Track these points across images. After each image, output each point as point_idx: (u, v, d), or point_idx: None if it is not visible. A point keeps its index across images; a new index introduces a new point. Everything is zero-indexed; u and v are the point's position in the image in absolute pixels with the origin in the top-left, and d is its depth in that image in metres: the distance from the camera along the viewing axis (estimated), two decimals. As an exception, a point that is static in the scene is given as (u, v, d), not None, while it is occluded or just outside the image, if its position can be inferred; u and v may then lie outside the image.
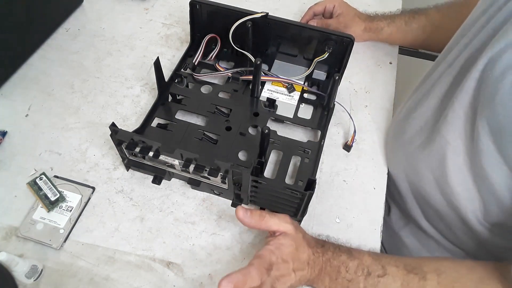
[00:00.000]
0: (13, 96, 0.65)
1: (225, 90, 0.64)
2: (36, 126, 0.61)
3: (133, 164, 0.56)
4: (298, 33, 0.63)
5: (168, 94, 0.63)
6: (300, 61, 0.68)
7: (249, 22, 0.61)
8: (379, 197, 0.57)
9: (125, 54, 0.71)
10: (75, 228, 0.52)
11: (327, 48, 0.62)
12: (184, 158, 0.50)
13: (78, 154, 0.59)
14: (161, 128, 0.59)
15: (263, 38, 0.64)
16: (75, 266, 0.49)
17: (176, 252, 0.51)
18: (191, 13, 0.65)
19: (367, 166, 0.60)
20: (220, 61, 0.68)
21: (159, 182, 0.56)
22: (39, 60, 0.69)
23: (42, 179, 0.54)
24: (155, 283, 0.49)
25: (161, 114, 0.61)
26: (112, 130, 0.50)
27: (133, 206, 0.54)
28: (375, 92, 0.68)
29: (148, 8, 0.80)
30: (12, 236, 0.51)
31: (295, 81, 0.64)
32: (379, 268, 0.45)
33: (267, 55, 0.68)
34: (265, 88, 0.65)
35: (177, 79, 0.64)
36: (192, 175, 0.53)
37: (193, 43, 0.69)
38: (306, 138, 0.61)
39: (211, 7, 0.63)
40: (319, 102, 0.64)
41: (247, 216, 0.45)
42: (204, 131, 0.59)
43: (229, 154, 0.57)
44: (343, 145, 0.61)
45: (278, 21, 0.61)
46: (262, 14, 0.60)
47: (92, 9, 0.78)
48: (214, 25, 0.66)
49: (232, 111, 0.61)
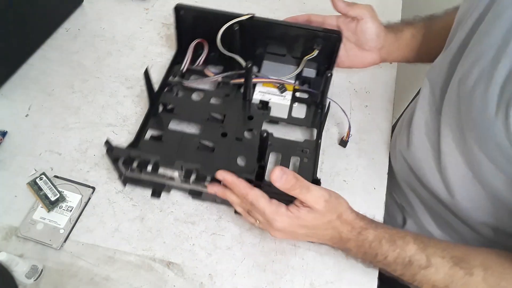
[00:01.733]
0: (13, 96, 0.65)
1: (216, 96, 0.63)
2: (36, 126, 0.61)
3: (130, 180, 0.55)
4: (286, 32, 0.62)
5: (159, 104, 0.61)
6: (289, 60, 0.67)
7: (236, 25, 0.60)
8: (379, 197, 0.57)
9: (125, 54, 0.71)
10: (75, 228, 0.52)
11: (316, 45, 0.62)
12: (185, 170, 0.49)
13: (78, 154, 0.59)
14: (155, 140, 0.58)
15: (250, 39, 0.64)
16: (75, 266, 0.49)
17: (176, 252, 0.51)
18: (176, 19, 0.63)
19: (367, 166, 0.60)
20: (209, 65, 0.66)
21: (159, 196, 0.55)
22: (39, 60, 0.69)
23: (42, 179, 0.54)
24: (155, 283, 0.49)
25: (153, 126, 0.59)
26: (107, 147, 0.48)
27: (133, 206, 0.54)
28: (375, 92, 0.68)
29: (148, 8, 0.80)
30: (12, 236, 0.51)
31: (286, 80, 0.64)
32: (422, 258, 0.44)
33: (255, 56, 0.67)
34: (256, 90, 0.64)
35: (166, 88, 0.62)
36: (193, 186, 0.52)
37: (180, 50, 0.67)
38: (303, 137, 0.61)
39: (196, 12, 0.62)
40: (312, 100, 0.64)
41: (281, 180, 0.43)
42: (200, 140, 0.57)
43: (227, 161, 0.56)
44: (339, 140, 0.61)
45: (264, 22, 0.61)
46: (248, 16, 0.60)
47: (92, 9, 0.78)
48: (200, 30, 0.64)
49: (226, 117, 0.60)
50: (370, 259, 0.47)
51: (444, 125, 0.48)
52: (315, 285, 0.50)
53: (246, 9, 0.78)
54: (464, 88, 0.43)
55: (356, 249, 0.47)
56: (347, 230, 0.46)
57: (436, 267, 0.44)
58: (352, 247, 0.47)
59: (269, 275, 0.50)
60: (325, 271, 0.51)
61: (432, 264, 0.44)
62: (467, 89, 0.42)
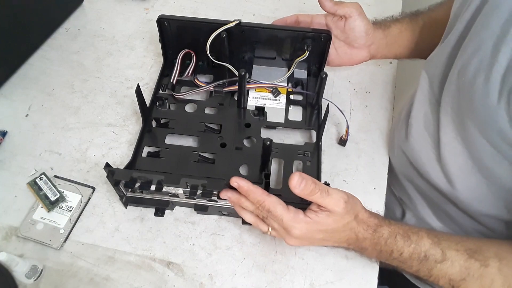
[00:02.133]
0: (13, 96, 0.65)
1: (210, 106, 0.62)
2: (36, 126, 0.61)
3: (131, 200, 0.53)
4: (274, 36, 0.61)
5: (152, 120, 0.60)
6: (279, 62, 0.66)
7: (224, 33, 0.59)
8: (379, 197, 0.57)
9: (125, 54, 0.71)
10: (75, 228, 0.52)
11: (306, 46, 0.61)
12: (190, 186, 0.47)
13: (78, 154, 0.59)
14: (152, 157, 0.56)
15: (239, 46, 0.63)
16: (75, 266, 0.49)
17: (176, 252, 0.51)
18: (160, 31, 0.62)
19: (367, 166, 0.60)
20: (198, 75, 0.65)
21: (162, 214, 0.53)
22: (39, 60, 0.69)
23: (42, 179, 0.54)
24: (155, 283, 0.49)
25: (149, 143, 0.57)
26: (107, 171, 0.47)
27: (133, 206, 0.54)
28: (375, 92, 0.68)
29: (148, 8, 0.80)
30: (12, 236, 0.51)
31: (279, 84, 0.63)
32: (437, 252, 0.44)
33: (245, 62, 0.66)
34: (250, 96, 0.63)
35: (158, 102, 0.61)
36: (198, 201, 0.51)
37: (166, 62, 0.66)
38: (303, 140, 0.61)
39: (180, 22, 0.61)
40: (307, 102, 0.63)
41: (301, 186, 0.42)
42: (199, 152, 0.56)
43: (230, 171, 0.55)
44: (337, 140, 0.61)
45: (252, 27, 0.60)
46: (235, 23, 0.59)
47: (92, 9, 0.78)
48: (186, 40, 0.63)
49: (222, 126, 0.59)
50: (386, 256, 0.46)
51: (443, 116, 0.48)
52: (315, 285, 0.50)
53: (246, 9, 0.79)
54: (464, 78, 0.43)
55: (371, 247, 0.46)
56: (363, 229, 0.46)
57: (452, 260, 0.44)
58: (368, 245, 0.46)
59: (269, 275, 0.50)
60: (325, 271, 0.51)
61: (448, 258, 0.44)
62: (467, 80, 0.42)
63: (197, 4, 0.81)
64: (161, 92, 0.63)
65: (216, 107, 0.62)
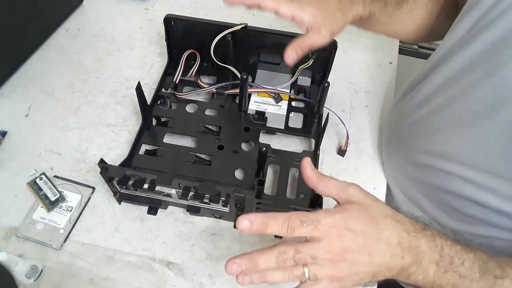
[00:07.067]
0: (13, 96, 0.65)
1: (211, 107, 0.62)
2: (36, 126, 0.61)
3: (125, 197, 0.53)
4: (280, 41, 0.61)
5: (152, 118, 0.60)
6: (283, 68, 0.66)
7: (229, 35, 0.59)
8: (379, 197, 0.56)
9: (125, 54, 0.71)
10: (75, 228, 0.52)
11: (311, 54, 0.61)
12: (182, 187, 0.48)
13: (78, 154, 0.59)
14: (150, 155, 0.56)
15: (244, 49, 0.63)
16: (75, 266, 0.49)
17: (176, 252, 0.51)
18: (166, 30, 0.62)
19: (367, 166, 0.60)
20: (201, 76, 0.65)
21: (155, 213, 0.54)
22: (39, 60, 0.69)
23: (42, 179, 0.54)
24: (155, 283, 0.49)
25: (147, 140, 0.58)
26: (101, 167, 0.47)
27: (133, 206, 0.54)
28: (375, 92, 0.69)
29: (148, 8, 0.80)
30: (12, 236, 0.51)
31: (281, 90, 0.63)
32: (496, 267, 0.37)
33: (249, 66, 0.66)
34: (251, 100, 0.63)
35: (159, 101, 0.61)
36: (191, 202, 0.51)
37: (171, 61, 0.67)
38: (301, 148, 0.61)
39: (187, 23, 0.61)
40: (308, 109, 0.63)
41: (311, 176, 0.38)
42: (196, 153, 0.56)
43: (225, 174, 0.55)
44: (337, 150, 0.61)
45: (258, 31, 0.60)
46: (242, 26, 0.59)
47: (92, 9, 0.78)
48: (192, 40, 0.64)
49: (221, 129, 0.59)
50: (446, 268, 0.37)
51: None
52: (315, 285, 0.50)
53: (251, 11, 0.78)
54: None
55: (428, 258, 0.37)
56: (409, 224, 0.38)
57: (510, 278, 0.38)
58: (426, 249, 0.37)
59: (269, 275, 0.50)
60: (325, 271, 0.51)
61: (508, 275, 0.38)
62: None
63: (197, 4, 0.81)
64: (164, 91, 0.63)
65: (217, 109, 0.62)
